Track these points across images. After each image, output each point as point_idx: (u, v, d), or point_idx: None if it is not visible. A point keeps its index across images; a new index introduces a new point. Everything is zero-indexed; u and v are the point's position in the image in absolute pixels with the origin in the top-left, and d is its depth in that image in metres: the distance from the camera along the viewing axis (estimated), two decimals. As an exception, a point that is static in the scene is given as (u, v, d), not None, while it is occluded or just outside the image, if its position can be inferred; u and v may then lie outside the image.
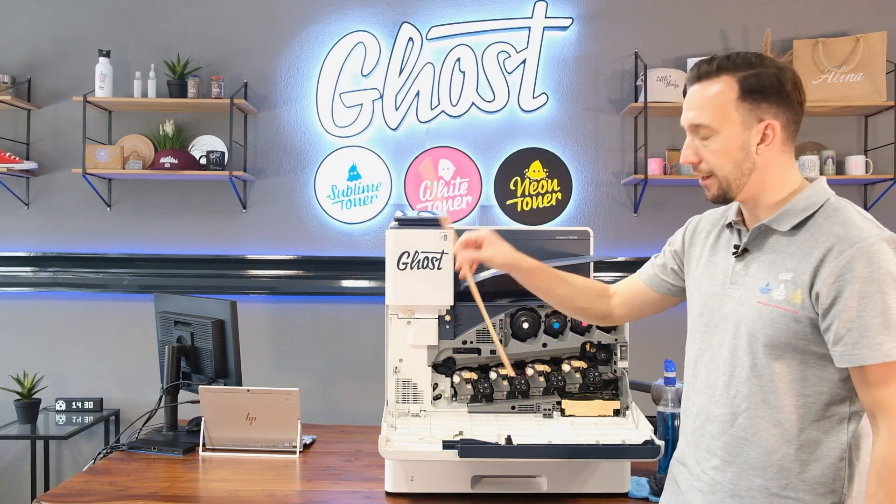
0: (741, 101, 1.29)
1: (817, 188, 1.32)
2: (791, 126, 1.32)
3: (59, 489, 1.90)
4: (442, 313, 2.02)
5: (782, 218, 1.31)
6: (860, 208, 1.30)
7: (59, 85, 3.66)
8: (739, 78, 1.29)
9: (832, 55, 3.44)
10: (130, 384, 3.65)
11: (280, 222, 3.67)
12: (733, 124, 1.30)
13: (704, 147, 1.33)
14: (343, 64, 3.60)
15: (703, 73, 1.34)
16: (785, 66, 1.32)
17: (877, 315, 1.18)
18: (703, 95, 1.32)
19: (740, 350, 1.32)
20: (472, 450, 1.73)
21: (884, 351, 1.18)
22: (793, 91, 1.30)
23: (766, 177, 1.32)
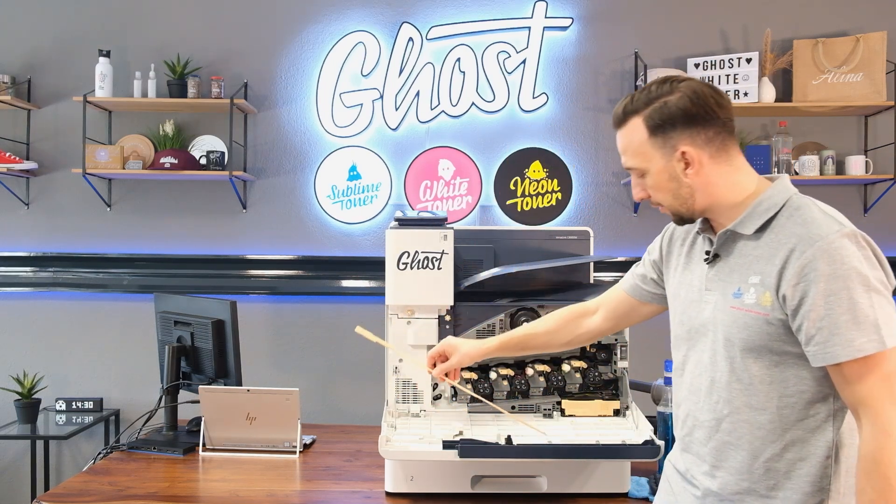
0: (652, 138, 1.32)
1: (778, 188, 1.32)
2: (716, 139, 1.31)
3: (59, 489, 1.90)
4: (442, 313, 2.02)
5: (746, 221, 1.31)
6: (823, 205, 1.30)
7: (59, 85, 3.66)
8: (644, 117, 1.32)
9: (832, 55, 3.44)
10: (130, 384, 3.65)
11: (280, 222, 3.67)
12: (655, 160, 1.33)
13: (644, 183, 1.37)
14: (343, 64, 3.60)
15: (616, 121, 1.38)
16: (689, 86, 1.31)
17: (844, 312, 1.19)
18: (622, 141, 1.37)
19: (719, 355, 1.34)
20: (472, 450, 1.73)
21: (856, 346, 1.18)
22: (701, 107, 1.29)
23: (713, 191, 1.33)
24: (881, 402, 1.18)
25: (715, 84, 3.42)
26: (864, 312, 1.18)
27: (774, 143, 3.45)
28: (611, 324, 1.67)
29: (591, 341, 1.74)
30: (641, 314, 1.64)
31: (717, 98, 1.30)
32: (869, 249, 1.23)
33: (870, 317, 1.18)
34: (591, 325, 1.69)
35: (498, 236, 2.17)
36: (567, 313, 1.71)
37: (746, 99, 3.43)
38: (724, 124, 1.31)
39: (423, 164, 3.61)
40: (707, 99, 1.29)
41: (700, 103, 1.29)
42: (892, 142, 3.49)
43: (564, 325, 1.70)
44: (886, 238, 3.59)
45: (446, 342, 1.74)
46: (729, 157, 1.33)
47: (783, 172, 3.38)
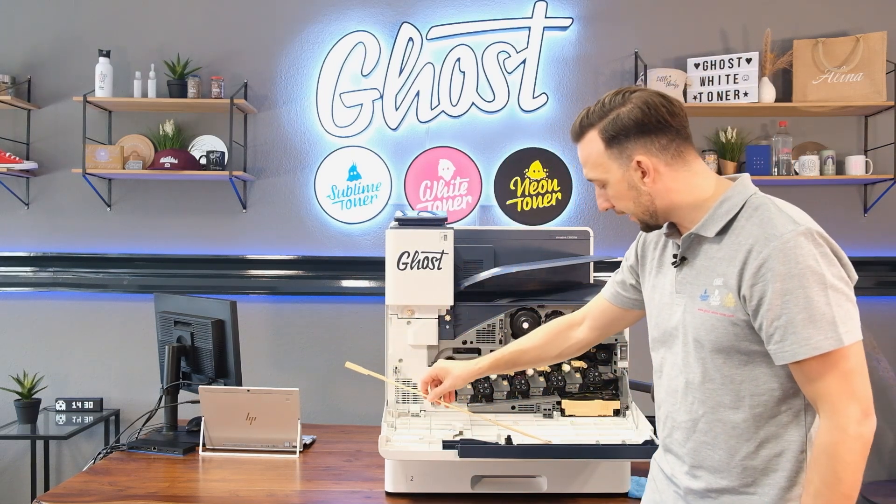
0: (608, 150, 1.35)
1: (738, 188, 1.33)
2: (671, 146, 1.33)
3: (59, 489, 1.90)
4: (442, 313, 2.02)
5: (707, 224, 1.33)
6: (782, 203, 1.31)
7: (59, 85, 3.65)
8: (599, 130, 1.35)
9: (832, 55, 3.44)
10: (130, 384, 3.65)
11: (280, 222, 3.67)
12: (613, 171, 1.36)
13: (607, 194, 1.40)
14: (343, 64, 3.60)
15: (574, 135, 1.42)
16: (640, 97, 1.33)
17: (801, 310, 1.20)
18: (582, 154, 1.41)
19: (691, 357, 1.36)
20: (472, 450, 1.73)
21: (812, 345, 1.20)
22: (652, 117, 1.32)
23: (672, 197, 1.35)
24: (839, 398, 1.20)
25: (715, 84, 3.46)
26: (820, 310, 1.20)
27: (774, 144, 3.45)
28: (597, 333, 1.70)
29: (581, 352, 1.75)
30: (626, 321, 1.66)
31: (668, 107, 1.33)
32: (826, 246, 1.24)
33: (826, 315, 1.20)
34: (578, 336, 1.71)
35: (498, 236, 2.17)
36: (554, 326, 1.73)
37: (746, 99, 3.43)
38: (678, 131, 1.34)
39: (423, 164, 3.61)
40: (658, 108, 1.32)
41: (651, 113, 1.32)
42: (892, 142, 3.49)
43: (553, 339, 1.72)
44: (886, 238, 3.59)
45: (438, 366, 1.76)
46: (685, 163, 1.35)
47: (783, 173, 3.40)
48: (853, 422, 1.19)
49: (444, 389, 1.73)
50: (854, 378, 1.20)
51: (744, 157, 3.49)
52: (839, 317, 1.20)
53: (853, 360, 1.21)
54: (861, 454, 1.20)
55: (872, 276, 3.55)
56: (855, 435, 1.19)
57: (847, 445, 1.19)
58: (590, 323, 1.69)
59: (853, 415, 1.19)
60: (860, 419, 1.19)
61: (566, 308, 2.04)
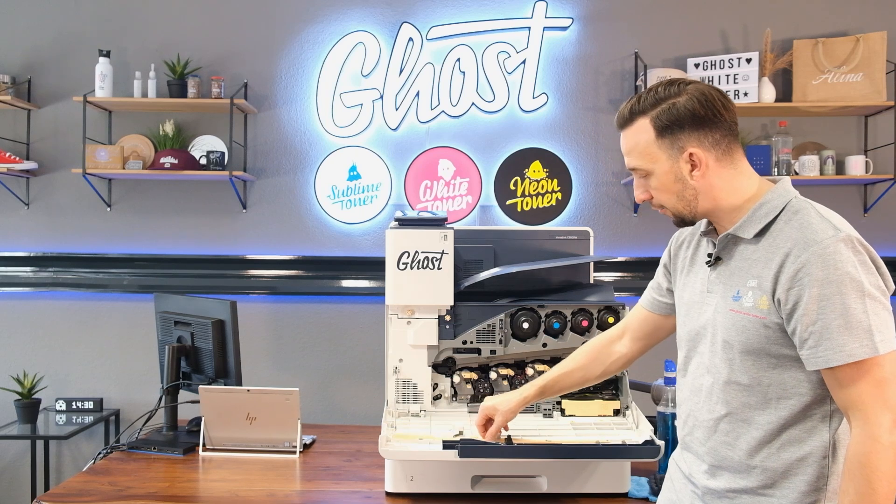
0: (660, 139, 1.33)
1: (779, 191, 1.33)
2: (722, 141, 1.32)
3: (59, 489, 1.90)
4: (442, 313, 2.02)
5: (746, 225, 1.32)
6: (822, 208, 1.30)
7: (59, 85, 3.65)
8: (652, 118, 1.33)
9: (832, 55, 3.44)
10: (130, 384, 3.65)
11: (280, 222, 3.67)
12: (661, 162, 1.34)
13: (648, 185, 1.38)
14: (343, 64, 3.60)
15: (622, 121, 1.39)
16: (696, 88, 1.32)
17: (837, 317, 1.19)
18: (628, 142, 1.38)
19: (718, 357, 1.35)
20: (472, 450, 1.73)
21: (846, 352, 1.19)
22: (709, 109, 1.30)
23: (715, 194, 1.34)
24: (872, 407, 1.19)
25: (715, 84, 3.46)
26: (856, 318, 1.19)
27: (774, 144, 3.45)
28: (641, 344, 1.68)
29: (626, 367, 1.74)
30: (667, 328, 1.63)
31: (723, 101, 1.32)
32: (865, 255, 1.23)
33: (863, 322, 1.19)
34: (621, 350, 1.69)
35: (498, 236, 2.17)
36: (595, 345, 1.72)
37: (746, 99, 3.43)
38: (730, 127, 1.33)
39: (423, 164, 3.61)
40: (714, 101, 1.31)
41: (708, 105, 1.30)
42: (892, 142, 3.49)
43: (596, 357, 1.71)
44: (886, 238, 3.59)
45: (486, 407, 1.75)
46: (733, 161, 1.34)
47: (783, 173, 3.40)
48: (885, 431, 1.18)
49: (497, 427, 1.73)
50: (888, 387, 1.19)
51: (744, 157, 3.48)
52: (875, 325, 1.19)
53: (887, 369, 1.19)
54: (894, 463, 1.18)
55: (872, 276, 3.54)
56: (888, 444, 1.17)
57: (880, 455, 1.17)
58: (631, 335, 1.68)
59: (885, 423, 1.18)
60: (892, 428, 1.18)
61: (566, 308, 2.04)
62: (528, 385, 1.75)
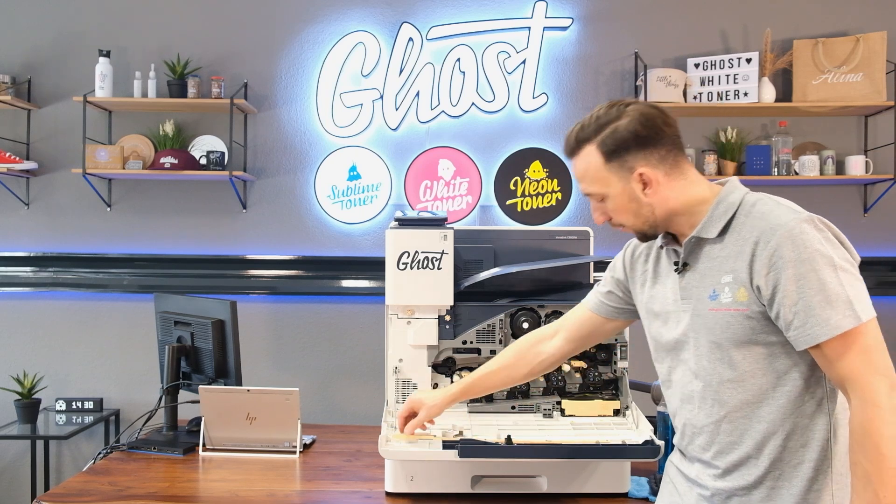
0: (608, 164, 1.36)
1: (730, 189, 1.36)
2: (669, 156, 1.35)
3: (59, 489, 1.90)
4: (442, 313, 2.02)
5: (708, 226, 1.34)
6: (776, 197, 1.34)
7: (59, 85, 3.65)
8: (597, 144, 1.36)
9: (832, 55, 3.44)
10: (130, 384, 3.65)
11: (280, 222, 3.67)
12: (613, 184, 1.37)
13: (605, 208, 1.41)
14: (343, 64, 3.60)
15: (569, 150, 1.42)
16: (636, 109, 1.35)
17: (816, 293, 1.22)
18: (578, 169, 1.41)
19: (705, 359, 1.36)
20: (472, 450, 1.73)
21: (832, 325, 1.21)
22: (651, 128, 1.33)
23: (670, 206, 1.37)
24: (865, 375, 1.20)
25: (715, 84, 3.46)
26: (834, 291, 1.21)
27: (774, 144, 3.45)
28: (573, 345, 1.70)
29: (553, 368, 1.75)
30: (606, 331, 1.67)
31: (663, 118, 1.35)
32: (828, 231, 1.26)
33: (841, 294, 1.21)
34: (551, 349, 1.70)
35: (498, 236, 2.17)
36: (522, 344, 1.73)
37: (746, 99, 3.43)
38: (674, 141, 1.36)
39: (423, 164, 3.61)
40: (655, 119, 1.34)
41: (649, 125, 1.33)
42: (892, 142, 3.49)
43: (522, 357, 1.72)
44: (886, 238, 3.59)
45: (411, 400, 1.78)
46: (682, 172, 1.37)
47: (783, 173, 3.40)
48: (883, 395, 1.19)
49: (419, 421, 1.75)
50: (875, 353, 1.21)
51: (744, 158, 3.49)
52: (853, 295, 1.22)
53: (871, 336, 1.22)
54: None
55: (872, 276, 3.54)
56: (888, 407, 1.18)
57: (883, 419, 1.18)
58: (565, 335, 1.69)
59: (881, 388, 1.19)
60: (889, 392, 1.19)
61: (566, 308, 2.04)
62: (452, 385, 1.78)
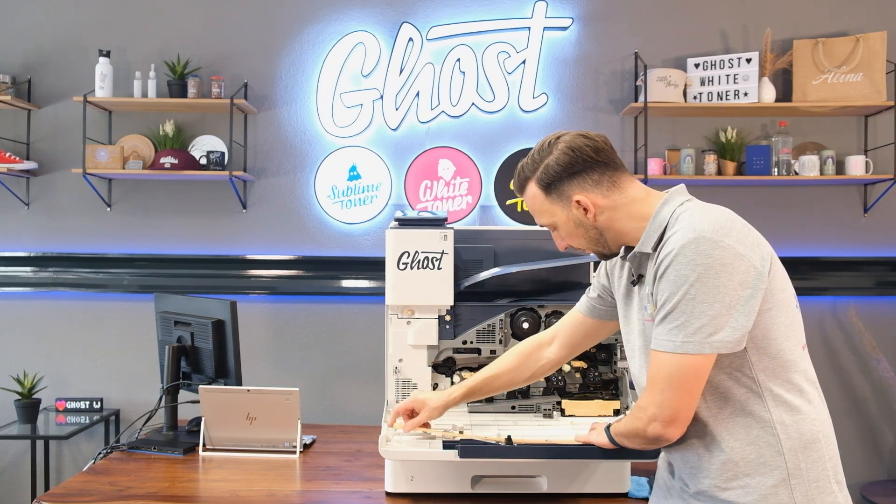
0: (548, 197, 1.44)
1: (668, 201, 1.38)
2: (603, 179, 1.39)
3: (59, 489, 1.90)
4: (442, 313, 2.02)
5: (645, 241, 1.38)
6: (701, 210, 1.33)
7: (59, 85, 3.66)
8: (536, 181, 1.44)
9: (832, 55, 3.44)
10: (130, 384, 3.65)
11: (280, 222, 3.67)
12: (558, 214, 1.44)
13: (560, 235, 1.48)
14: (343, 64, 3.60)
15: (517, 189, 1.51)
16: (564, 142, 1.40)
17: (666, 308, 1.28)
18: (529, 205, 1.50)
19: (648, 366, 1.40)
20: (472, 450, 1.73)
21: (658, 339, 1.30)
22: (578, 158, 1.39)
23: (617, 225, 1.41)
24: (650, 394, 1.31)
25: (715, 84, 3.47)
26: (679, 312, 1.26)
27: (774, 144, 3.45)
28: (568, 350, 1.74)
29: (551, 372, 1.79)
30: (600, 334, 1.71)
31: (592, 144, 1.40)
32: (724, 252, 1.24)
33: (678, 319, 1.26)
34: (549, 355, 1.75)
35: (498, 236, 2.17)
36: (524, 348, 1.77)
37: (746, 99, 3.43)
38: (607, 164, 1.40)
39: (423, 164, 3.61)
40: (583, 149, 1.39)
41: (577, 155, 1.39)
42: (892, 142, 3.49)
43: (524, 361, 1.76)
44: (886, 238, 3.59)
45: (414, 399, 1.79)
46: (621, 190, 1.41)
47: (783, 173, 3.40)
48: (644, 419, 1.32)
49: (420, 421, 1.76)
50: (669, 388, 1.27)
51: (744, 157, 3.49)
52: (695, 325, 1.25)
53: (686, 370, 1.26)
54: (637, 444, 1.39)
55: (872, 276, 3.54)
56: (642, 428, 1.33)
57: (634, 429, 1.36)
58: (560, 341, 1.73)
59: (649, 411, 1.31)
60: (650, 420, 1.31)
61: (566, 308, 2.04)
62: (455, 387, 1.79)
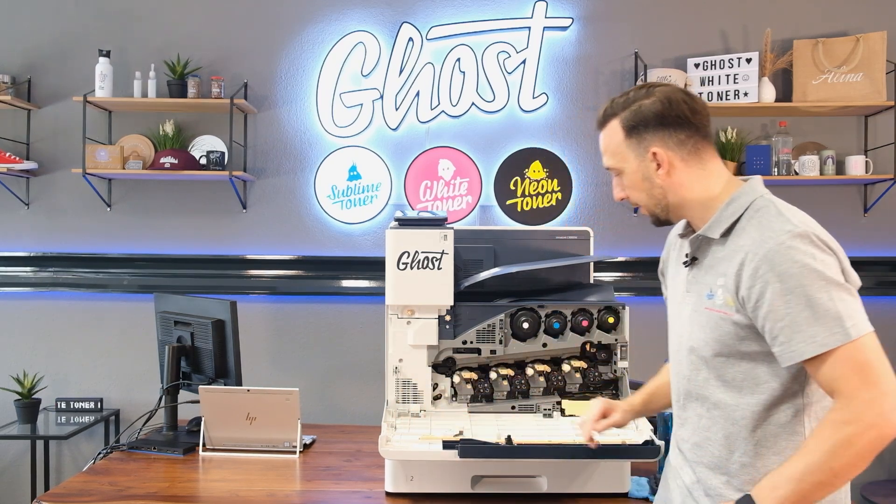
0: (628, 139, 1.40)
1: (745, 190, 1.35)
2: (688, 142, 1.36)
3: (59, 489, 1.90)
4: (442, 313, 2.02)
5: (713, 226, 1.35)
6: (784, 205, 1.32)
7: (59, 85, 3.65)
8: (621, 119, 1.40)
9: (832, 55, 3.43)
10: (130, 384, 3.65)
11: (280, 222, 3.67)
12: (630, 161, 1.40)
13: (622, 183, 1.44)
14: (343, 64, 3.60)
15: (598, 123, 1.46)
16: (664, 91, 1.37)
17: (803, 309, 1.20)
18: (603, 142, 1.45)
19: (694, 354, 1.38)
20: (472, 450, 1.73)
21: (819, 341, 1.19)
22: (674, 110, 1.35)
23: (683, 193, 1.38)
24: (857, 389, 1.18)
25: (715, 84, 3.46)
26: (823, 307, 1.20)
27: (774, 144, 3.45)
28: None
29: None
30: None
31: (690, 103, 1.36)
32: (825, 246, 1.24)
33: (830, 310, 1.19)
34: None
35: (498, 236, 2.17)
36: None
37: (746, 99, 3.43)
38: (698, 129, 1.37)
39: (423, 164, 3.61)
40: (680, 104, 1.36)
41: (672, 107, 1.35)
42: (892, 142, 3.49)
43: None
44: (886, 238, 3.59)
45: (604, 403, 1.70)
46: (701, 161, 1.37)
47: (783, 173, 3.40)
48: (871, 413, 1.16)
49: (613, 423, 1.68)
50: (867, 369, 1.18)
51: (744, 157, 3.49)
52: (844, 311, 1.20)
53: (865, 352, 1.19)
54: (868, 443, 1.16)
55: (872, 276, 3.54)
56: (869, 423, 1.16)
57: (860, 433, 1.16)
58: None
59: (873, 405, 1.16)
60: (880, 411, 1.16)
61: (566, 308, 2.04)
62: (634, 396, 1.72)
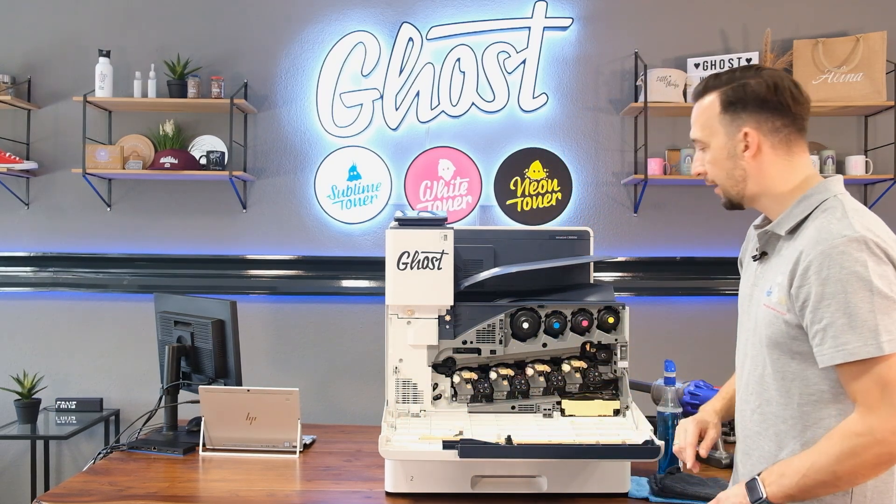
0: (722, 114, 1.38)
1: (820, 189, 1.34)
2: (783, 130, 1.35)
3: (59, 489, 1.90)
4: (442, 313, 2.02)
5: (782, 222, 1.35)
6: (854, 208, 1.30)
7: (59, 85, 3.66)
8: (721, 93, 1.38)
9: (832, 55, 3.44)
10: (130, 384, 3.65)
11: (280, 222, 3.67)
12: (718, 136, 1.39)
13: (705, 158, 1.43)
14: (343, 64, 3.60)
15: (696, 93, 1.45)
16: (772, 74, 1.35)
17: (841, 315, 1.20)
18: (697, 112, 1.43)
19: (754, 349, 1.40)
20: (472, 450, 1.73)
21: (848, 350, 1.20)
22: (778, 96, 1.33)
23: (764, 180, 1.37)
24: (876, 403, 1.19)
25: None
26: (861, 317, 1.19)
27: (774, 143, 3.44)
28: None
29: None
30: None
31: (795, 93, 1.35)
32: (883, 255, 1.22)
33: (868, 322, 1.19)
34: None
35: (498, 236, 2.16)
36: None
37: (746, 99, 3.42)
38: (794, 119, 1.35)
39: (423, 164, 3.61)
40: (784, 91, 1.34)
41: (777, 93, 1.34)
42: (892, 142, 3.49)
43: None
44: (886, 238, 3.59)
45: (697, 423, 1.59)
46: (790, 153, 1.36)
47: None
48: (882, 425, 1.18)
49: (712, 440, 1.57)
50: (893, 387, 1.18)
51: (744, 157, 3.49)
52: (883, 325, 1.19)
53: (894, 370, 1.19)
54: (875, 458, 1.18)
55: (872, 276, 3.54)
56: (880, 438, 1.17)
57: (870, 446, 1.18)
58: None
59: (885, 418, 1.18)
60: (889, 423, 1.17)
61: (566, 308, 2.04)
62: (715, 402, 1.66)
